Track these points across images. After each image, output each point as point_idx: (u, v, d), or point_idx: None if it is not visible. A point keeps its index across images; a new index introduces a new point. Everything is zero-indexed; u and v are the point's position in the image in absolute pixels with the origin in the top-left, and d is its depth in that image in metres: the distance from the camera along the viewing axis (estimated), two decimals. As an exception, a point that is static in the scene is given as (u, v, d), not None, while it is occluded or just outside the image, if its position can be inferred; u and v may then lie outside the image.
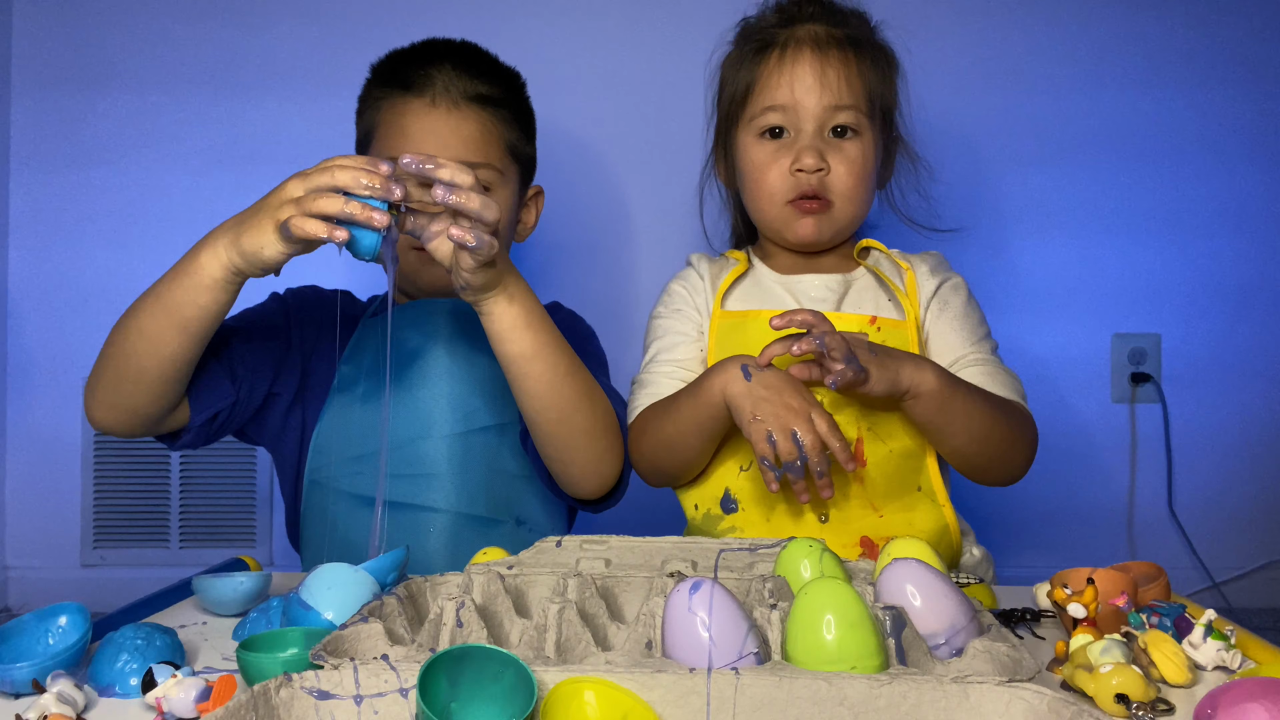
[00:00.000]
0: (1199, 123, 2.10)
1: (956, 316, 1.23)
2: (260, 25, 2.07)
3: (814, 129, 1.20)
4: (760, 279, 1.27)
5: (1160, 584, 0.91)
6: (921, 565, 0.74)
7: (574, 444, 1.12)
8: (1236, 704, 0.58)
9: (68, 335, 2.09)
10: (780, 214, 1.22)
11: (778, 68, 1.21)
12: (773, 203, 1.22)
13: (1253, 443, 2.11)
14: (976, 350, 1.22)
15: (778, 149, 1.21)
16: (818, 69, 1.20)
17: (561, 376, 1.08)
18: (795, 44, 1.21)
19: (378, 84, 1.29)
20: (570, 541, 0.91)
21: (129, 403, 1.08)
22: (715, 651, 0.64)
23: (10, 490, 2.11)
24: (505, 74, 1.32)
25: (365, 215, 0.92)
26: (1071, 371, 2.11)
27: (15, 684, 0.73)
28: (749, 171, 1.24)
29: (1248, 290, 2.10)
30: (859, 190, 1.21)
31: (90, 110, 2.08)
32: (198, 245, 1.01)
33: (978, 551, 1.24)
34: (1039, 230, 2.10)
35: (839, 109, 1.20)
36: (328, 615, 0.79)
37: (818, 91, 1.19)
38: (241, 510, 2.10)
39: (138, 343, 1.04)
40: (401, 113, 1.24)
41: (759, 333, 1.18)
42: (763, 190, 1.22)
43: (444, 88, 1.24)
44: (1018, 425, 1.16)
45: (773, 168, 1.21)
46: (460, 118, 1.24)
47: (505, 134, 1.27)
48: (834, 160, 1.20)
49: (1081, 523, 2.10)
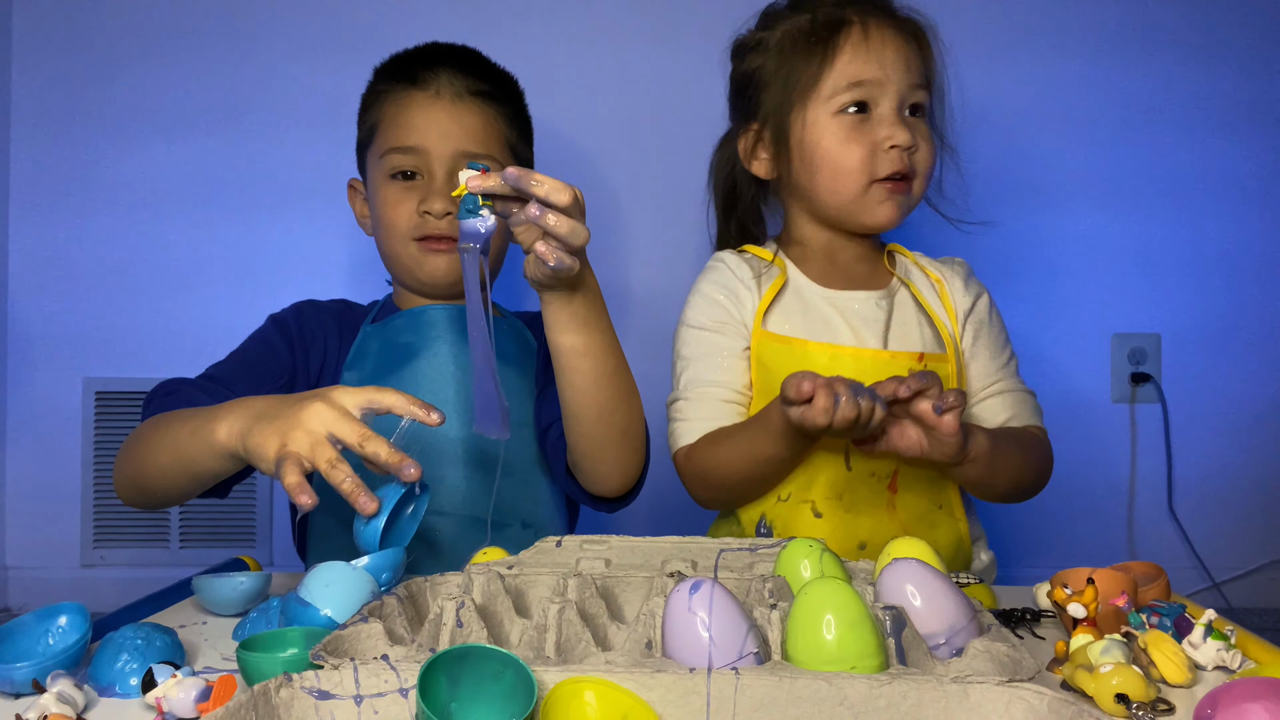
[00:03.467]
0: (1202, 150, 2.10)
1: (990, 340, 1.24)
2: (253, 61, 2.07)
3: (895, 105, 1.18)
4: (801, 293, 1.23)
5: (1160, 584, 0.91)
6: (921, 565, 0.74)
7: (609, 441, 1.11)
8: (1236, 704, 0.58)
9: (68, 336, 2.09)
10: (862, 193, 1.19)
11: (864, 42, 1.18)
12: (854, 181, 1.19)
13: (1253, 443, 2.11)
14: (1002, 375, 1.23)
15: (860, 125, 1.18)
16: (901, 45, 1.19)
17: (609, 375, 1.07)
18: (876, 20, 1.19)
19: (381, 80, 1.32)
20: (570, 541, 0.91)
21: (149, 504, 1.12)
22: (715, 651, 0.64)
23: (10, 490, 2.11)
24: (505, 76, 1.34)
25: (364, 502, 0.89)
26: (1071, 371, 2.11)
27: (15, 684, 0.73)
28: (829, 152, 1.19)
29: (1248, 291, 2.10)
30: (931, 172, 1.22)
31: (92, 88, 2.08)
32: (221, 412, 0.99)
33: (986, 556, 1.25)
34: (1041, 233, 2.10)
35: (916, 87, 1.19)
36: (326, 612, 0.79)
37: (904, 67, 1.18)
38: (241, 510, 2.10)
39: (154, 475, 1.06)
40: (406, 105, 1.26)
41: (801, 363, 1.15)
42: (843, 168, 1.18)
43: (448, 82, 1.26)
44: (1041, 459, 1.21)
45: (856, 144, 1.18)
46: (464, 110, 1.26)
47: (505, 131, 1.29)
48: (918, 136, 1.19)
49: (1081, 523, 2.10)
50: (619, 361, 1.09)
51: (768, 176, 1.27)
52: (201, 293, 2.07)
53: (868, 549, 1.14)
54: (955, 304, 1.24)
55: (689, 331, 1.24)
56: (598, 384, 1.07)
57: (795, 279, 1.24)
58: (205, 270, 2.08)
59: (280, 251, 2.06)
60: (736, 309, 1.22)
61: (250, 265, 2.07)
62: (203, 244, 2.08)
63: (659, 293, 1.98)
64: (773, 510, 1.18)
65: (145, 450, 1.06)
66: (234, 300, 2.05)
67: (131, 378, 2.08)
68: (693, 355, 1.22)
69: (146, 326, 2.08)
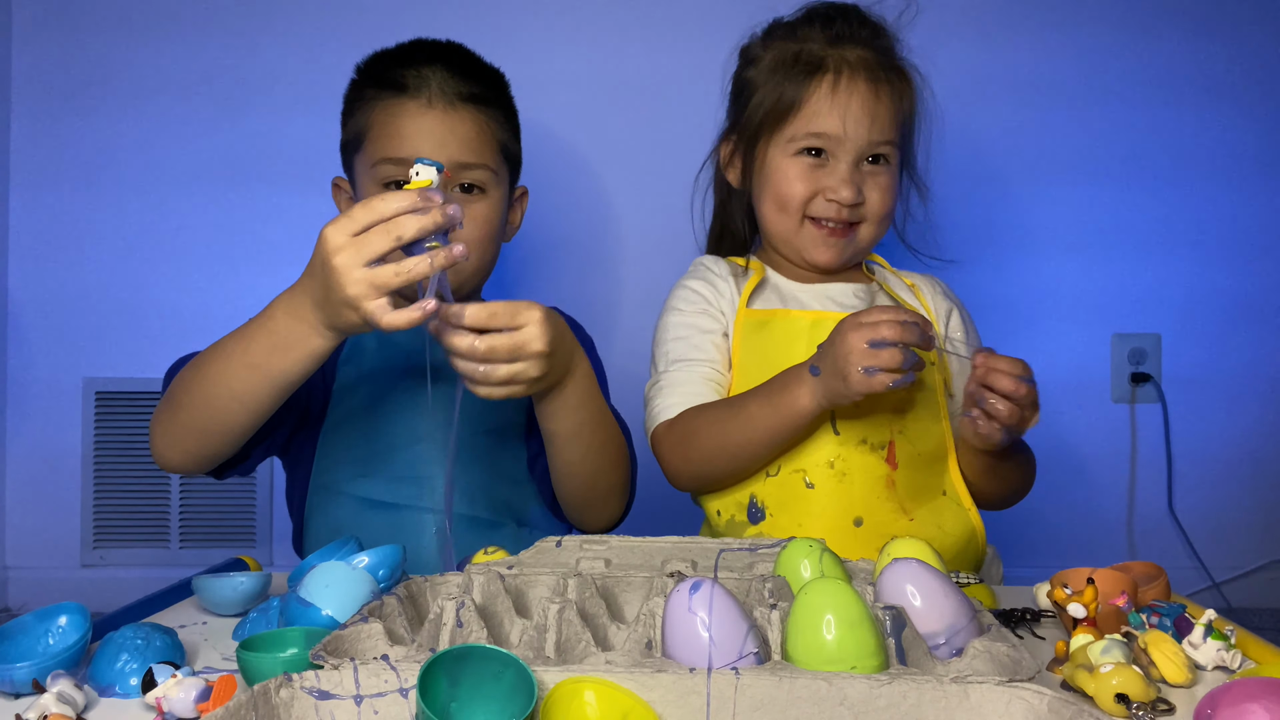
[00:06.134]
0: (1201, 137, 2.10)
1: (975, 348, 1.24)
2: (256, 37, 2.07)
3: (853, 159, 1.19)
4: (780, 288, 1.25)
5: (1160, 584, 0.91)
6: (921, 565, 0.74)
7: (596, 500, 1.15)
8: (1236, 704, 0.58)
9: (68, 336, 2.09)
10: (801, 233, 1.22)
11: (830, 96, 1.19)
12: (793, 217, 1.21)
13: (1253, 443, 2.11)
14: None
15: (813, 170, 1.20)
16: (870, 102, 1.19)
17: (597, 449, 1.10)
18: (849, 72, 1.19)
19: (367, 85, 1.27)
20: (570, 541, 0.91)
21: (210, 452, 1.06)
22: (715, 651, 0.64)
23: (10, 490, 2.11)
24: (493, 74, 1.31)
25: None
26: (1071, 371, 2.11)
27: (15, 684, 0.73)
28: (777, 186, 1.22)
29: (1248, 292, 2.10)
30: (886, 216, 1.23)
31: (90, 121, 2.08)
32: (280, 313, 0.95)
33: (988, 551, 1.24)
34: (1041, 233, 2.10)
35: (878, 142, 1.19)
36: (326, 611, 0.79)
37: (868, 125, 1.18)
38: (241, 510, 2.10)
39: (229, 403, 1.00)
40: (396, 114, 1.22)
41: (784, 332, 1.18)
42: (785, 202, 1.21)
43: (439, 88, 1.22)
44: (1029, 471, 1.22)
45: (803, 187, 1.20)
46: (457, 118, 1.22)
47: (498, 134, 1.27)
48: (869, 188, 1.20)
49: (1081, 523, 2.10)
50: (608, 433, 1.11)
51: (737, 185, 1.30)
52: (202, 292, 2.07)
53: (864, 526, 1.12)
54: (934, 307, 1.26)
55: (667, 318, 1.26)
56: (585, 458, 1.09)
57: (773, 277, 1.27)
58: (206, 269, 2.08)
59: (282, 249, 2.06)
60: (715, 297, 1.24)
61: (251, 265, 2.07)
62: (204, 242, 2.08)
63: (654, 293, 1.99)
64: (763, 489, 1.16)
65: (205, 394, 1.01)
66: (235, 300, 2.05)
67: (131, 378, 2.08)
68: (672, 339, 1.24)
69: (147, 326, 2.08)
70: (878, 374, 1.00)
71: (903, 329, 1.00)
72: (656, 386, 1.22)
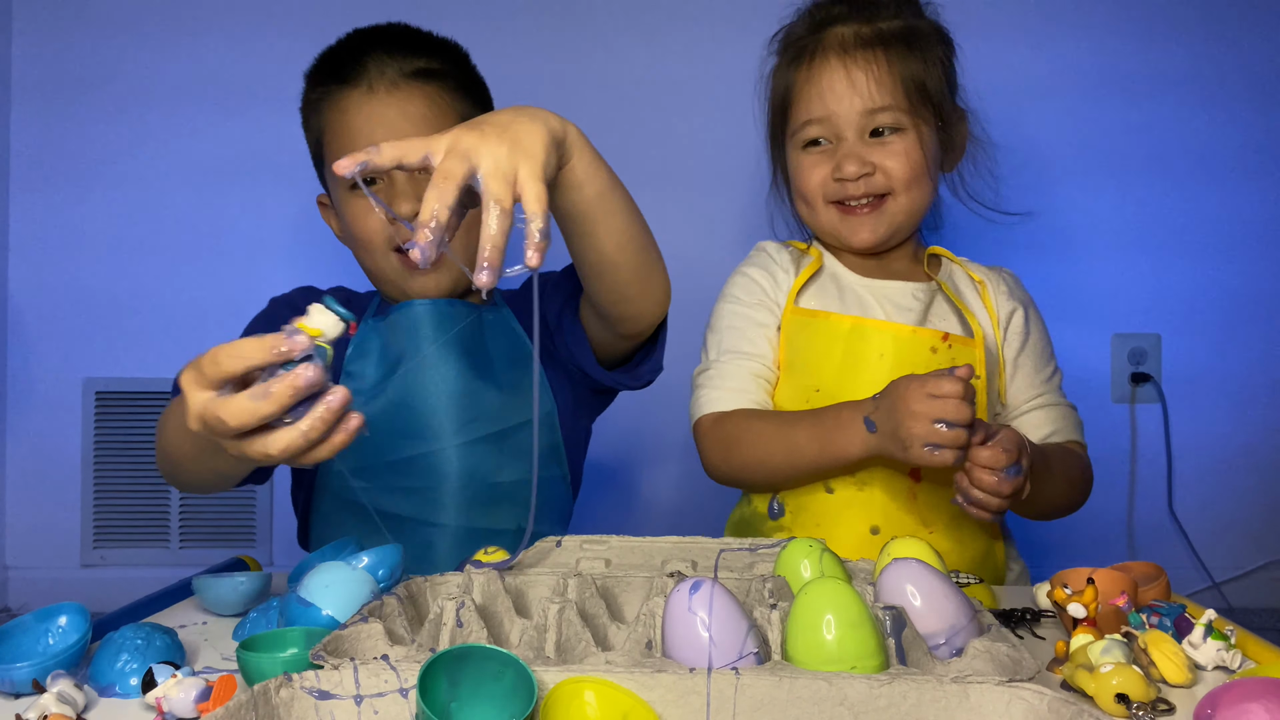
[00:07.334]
0: (1202, 137, 2.10)
1: (1036, 352, 1.24)
2: (255, 38, 2.07)
3: (854, 135, 1.19)
4: (839, 278, 1.24)
5: (1160, 584, 0.91)
6: (921, 565, 0.74)
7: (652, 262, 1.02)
8: (1236, 704, 0.58)
9: (68, 336, 2.09)
10: (831, 221, 1.21)
11: (808, 79, 1.20)
12: (820, 210, 1.21)
13: (1253, 443, 2.11)
14: (1046, 389, 1.24)
15: (820, 157, 1.20)
16: (845, 75, 1.18)
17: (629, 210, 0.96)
18: (822, 52, 1.20)
19: (314, 85, 1.23)
20: (570, 541, 0.91)
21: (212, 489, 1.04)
22: (715, 651, 0.64)
23: (10, 490, 2.11)
24: (443, 45, 1.24)
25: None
26: (1071, 371, 2.10)
27: (15, 684, 0.73)
28: (796, 182, 1.23)
29: (1247, 292, 2.10)
30: (915, 182, 1.19)
31: (89, 122, 2.08)
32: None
33: (1016, 567, 1.24)
34: (1041, 233, 2.10)
35: (874, 112, 1.18)
36: (326, 612, 0.79)
37: (849, 98, 1.18)
38: (241, 510, 2.10)
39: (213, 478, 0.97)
40: (343, 109, 1.18)
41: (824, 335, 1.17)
42: (810, 201, 1.22)
43: (378, 71, 1.17)
44: (1081, 476, 1.20)
45: (815, 175, 1.20)
46: (403, 97, 1.16)
47: (456, 106, 1.19)
48: (879, 158, 1.18)
49: (1082, 523, 2.09)
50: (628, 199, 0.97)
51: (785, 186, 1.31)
52: (202, 292, 2.07)
53: (881, 534, 1.13)
54: (997, 307, 1.24)
55: (724, 305, 1.25)
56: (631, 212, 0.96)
57: (832, 266, 1.25)
58: (206, 269, 2.08)
59: (282, 249, 2.06)
60: (773, 289, 1.23)
61: (250, 265, 2.07)
62: (204, 242, 2.08)
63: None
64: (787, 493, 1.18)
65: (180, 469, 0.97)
66: (234, 299, 2.04)
67: (131, 378, 2.08)
68: (727, 327, 1.23)
69: (147, 326, 2.08)
70: (942, 450, 0.99)
71: (968, 408, 0.98)
72: (706, 374, 1.22)
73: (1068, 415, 1.24)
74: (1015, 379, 1.22)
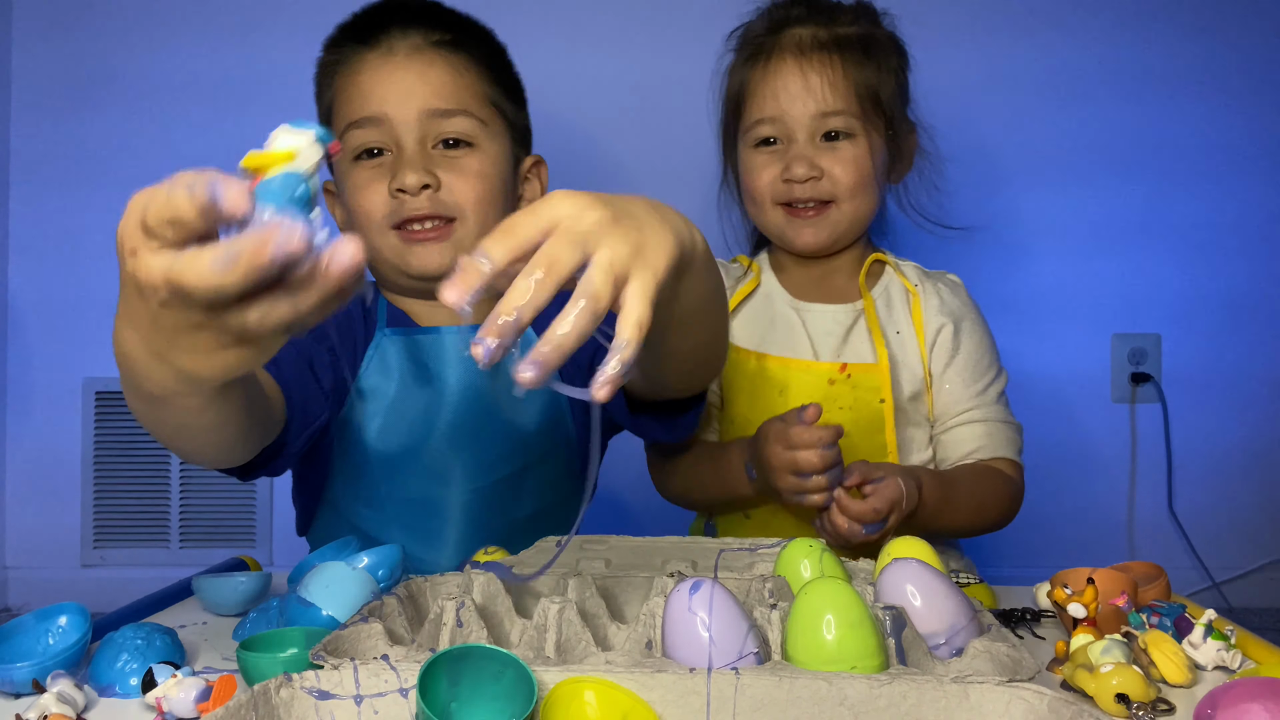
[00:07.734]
0: (1203, 137, 2.10)
1: (966, 366, 1.21)
2: (255, 38, 2.07)
3: (805, 137, 1.19)
4: (772, 299, 1.25)
5: (1160, 584, 0.91)
6: (921, 565, 0.74)
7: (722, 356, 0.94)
8: (1236, 704, 0.58)
9: (68, 336, 2.10)
10: (777, 221, 1.22)
11: (763, 78, 1.20)
12: (768, 210, 1.22)
13: (1253, 443, 2.11)
14: (977, 403, 1.20)
15: (770, 157, 1.21)
16: (800, 77, 1.18)
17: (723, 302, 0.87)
18: (779, 52, 1.20)
19: (329, 52, 1.15)
20: (570, 541, 0.91)
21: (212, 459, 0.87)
22: (715, 651, 0.64)
23: (10, 490, 2.12)
24: (470, 24, 1.16)
25: None
26: (1072, 372, 2.11)
27: (15, 684, 0.73)
28: (746, 181, 1.24)
29: (1247, 292, 2.11)
30: (860, 191, 1.20)
31: (89, 122, 2.08)
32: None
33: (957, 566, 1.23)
34: (1041, 233, 2.10)
35: (827, 115, 1.18)
36: (326, 612, 0.79)
37: (803, 99, 1.18)
38: (241, 510, 2.10)
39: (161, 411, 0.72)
40: (356, 70, 1.10)
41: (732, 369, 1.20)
42: (757, 199, 1.22)
43: (400, 35, 1.09)
44: (997, 499, 1.17)
45: (764, 175, 1.21)
46: (424, 62, 1.08)
47: (480, 84, 1.12)
48: (828, 163, 1.18)
49: (1081, 523, 2.10)
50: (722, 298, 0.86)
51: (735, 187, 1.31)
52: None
53: None
54: (926, 322, 1.22)
55: None
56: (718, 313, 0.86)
57: (768, 286, 1.26)
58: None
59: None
60: None
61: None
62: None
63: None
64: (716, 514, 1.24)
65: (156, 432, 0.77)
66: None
67: (131, 378, 2.08)
68: None
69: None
70: (809, 497, 1.03)
71: (820, 457, 1.01)
72: None
73: (996, 432, 1.19)
74: (941, 394, 1.20)
